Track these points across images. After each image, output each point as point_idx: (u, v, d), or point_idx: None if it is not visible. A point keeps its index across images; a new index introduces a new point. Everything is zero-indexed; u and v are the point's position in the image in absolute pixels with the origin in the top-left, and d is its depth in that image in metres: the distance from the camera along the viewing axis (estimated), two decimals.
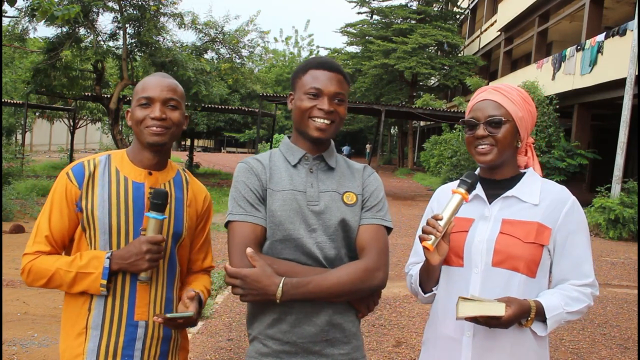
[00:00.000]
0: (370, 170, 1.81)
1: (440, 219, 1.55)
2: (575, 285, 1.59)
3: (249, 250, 1.56)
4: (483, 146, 1.64)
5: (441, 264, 1.67)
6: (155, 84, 1.67)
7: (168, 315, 1.57)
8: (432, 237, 1.54)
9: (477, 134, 1.65)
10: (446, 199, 1.63)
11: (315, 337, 1.64)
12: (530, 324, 1.53)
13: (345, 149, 39.29)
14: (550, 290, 1.59)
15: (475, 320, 1.48)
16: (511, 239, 1.58)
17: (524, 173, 1.70)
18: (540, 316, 1.53)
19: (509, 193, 1.65)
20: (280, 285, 1.53)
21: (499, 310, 1.43)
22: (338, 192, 1.70)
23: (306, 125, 1.67)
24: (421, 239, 1.57)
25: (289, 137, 1.79)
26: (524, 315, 1.51)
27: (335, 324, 1.67)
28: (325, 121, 1.66)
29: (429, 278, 1.71)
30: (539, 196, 1.63)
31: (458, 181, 1.65)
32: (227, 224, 1.64)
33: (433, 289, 1.74)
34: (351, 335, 1.71)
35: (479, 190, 1.70)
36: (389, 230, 1.72)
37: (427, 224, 1.56)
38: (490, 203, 1.67)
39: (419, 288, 1.77)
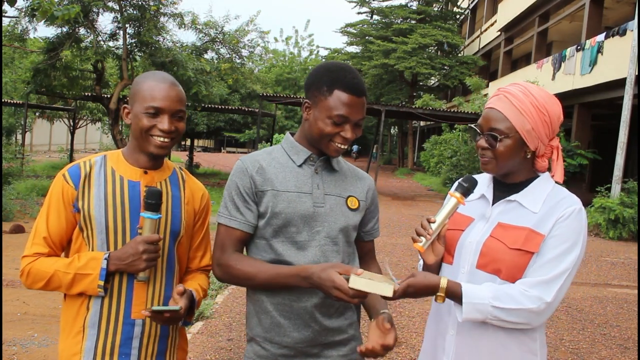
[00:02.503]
0: (372, 180, 1.86)
1: (433, 222, 1.56)
2: (522, 285, 1.49)
3: None
4: (484, 157, 1.62)
5: (438, 263, 1.67)
6: (165, 94, 1.62)
7: (154, 308, 1.56)
8: (423, 239, 1.56)
9: (479, 143, 1.63)
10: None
11: (312, 342, 1.64)
12: (441, 301, 1.51)
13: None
14: (489, 283, 1.54)
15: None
16: (498, 244, 1.56)
17: (537, 177, 1.65)
18: (460, 299, 1.50)
19: (511, 197, 1.62)
20: None
21: (387, 291, 1.44)
22: (342, 196, 1.70)
23: (325, 146, 1.65)
24: (413, 240, 1.58)
25: (292, 135, 1.76)
26: (429, 290, 1.50)
27: (334, 328, 1.67)
28: (344, 146, 1.65)
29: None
30: (542, 204, 1.57)
31: (456, 183, 1.64)
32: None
33: None
34: (350, 337, 1.71)
35: (487, 190, 1.68)
36: None
37: (421, 225, 1.57)
38: (494, 204, 1.65)
39: None
